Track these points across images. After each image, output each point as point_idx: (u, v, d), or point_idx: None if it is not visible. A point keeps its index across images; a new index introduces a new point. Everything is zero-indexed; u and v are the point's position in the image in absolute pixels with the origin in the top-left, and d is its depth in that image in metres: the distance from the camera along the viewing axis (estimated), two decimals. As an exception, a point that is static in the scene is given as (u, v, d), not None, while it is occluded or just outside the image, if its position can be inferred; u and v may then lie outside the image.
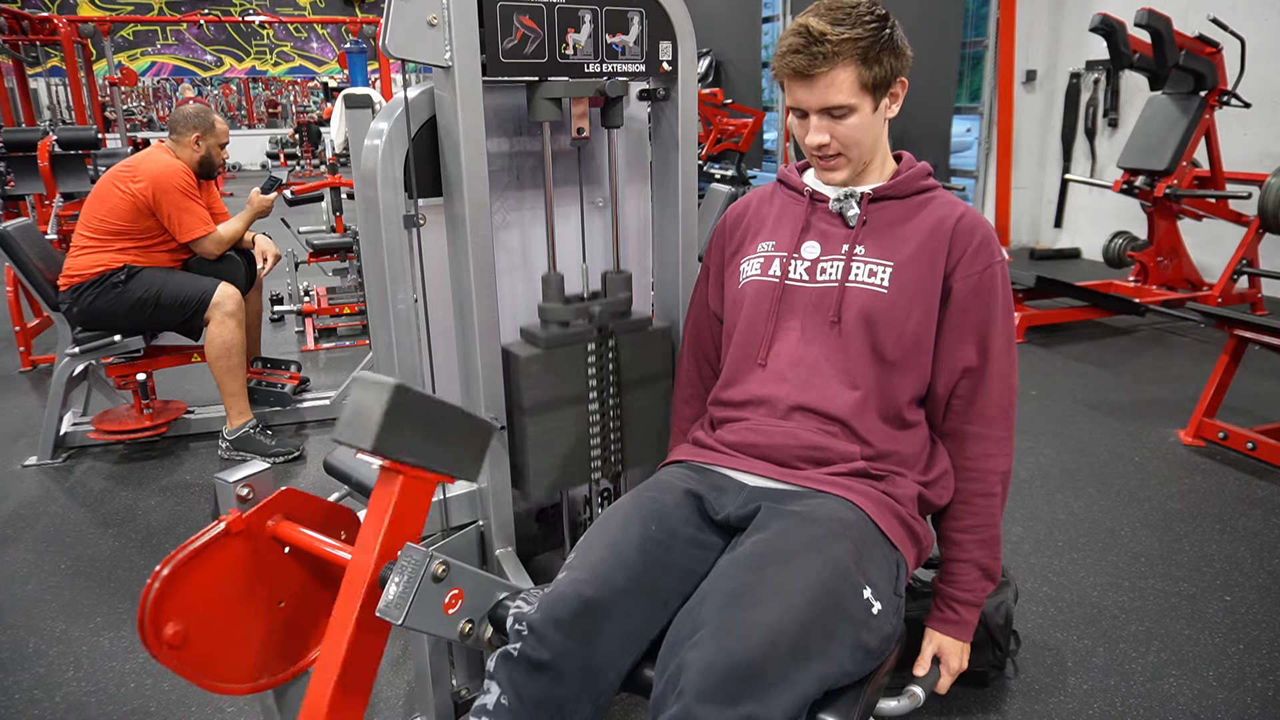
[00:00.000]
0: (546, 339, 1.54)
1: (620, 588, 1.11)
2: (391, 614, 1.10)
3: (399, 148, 1.42)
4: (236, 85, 15.94)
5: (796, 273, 1.34)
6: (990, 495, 1.29)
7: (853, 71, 1.21)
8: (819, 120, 1.26)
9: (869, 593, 1.10)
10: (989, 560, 1.29)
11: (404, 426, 1.03)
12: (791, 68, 1.23)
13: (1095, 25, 4.39)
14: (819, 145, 1.28)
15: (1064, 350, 4.33)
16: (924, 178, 1.36)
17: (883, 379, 1.28)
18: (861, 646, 1.08)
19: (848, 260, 1.30)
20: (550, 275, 1.56)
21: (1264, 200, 3.89)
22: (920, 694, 1.22)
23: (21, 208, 4.98)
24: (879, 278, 1.28)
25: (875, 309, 1.27)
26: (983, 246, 1.28)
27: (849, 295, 1.29)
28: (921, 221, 1.30)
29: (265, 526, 1.22)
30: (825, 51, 1.20)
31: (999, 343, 1.28)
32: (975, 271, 1.27)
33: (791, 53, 1.22)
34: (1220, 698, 1.82)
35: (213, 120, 3.10)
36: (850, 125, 1.26)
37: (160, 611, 1.15)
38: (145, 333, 3.10)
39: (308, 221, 6.35)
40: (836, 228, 1.34)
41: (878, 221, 1.32)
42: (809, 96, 1.24)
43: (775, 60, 1.26)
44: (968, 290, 1.27)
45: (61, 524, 2.70)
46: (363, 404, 1.02)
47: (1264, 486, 2.78)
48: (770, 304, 1.33)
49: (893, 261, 1.28)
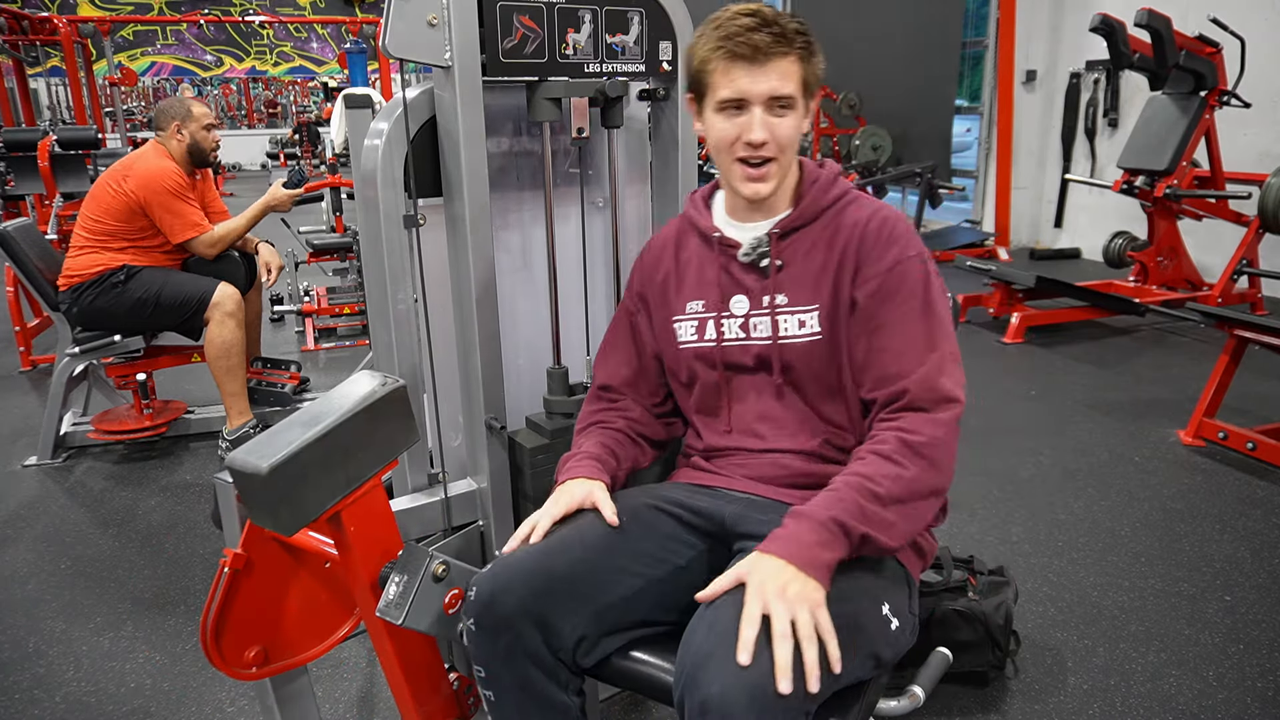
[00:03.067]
0: (552, 430, 1.56)
1: (575, 558, 1.14)
2: (391, 614, 1.10)
3: (399, 148, 1.42)
4: (236, 85, 15.94)
5: (731, 332, 1.28)
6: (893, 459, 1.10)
7: (798, 64, 1.17)
8: (763, 113, 1.17)
9: (887, 609, 1.10)
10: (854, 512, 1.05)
11: (299, 487, 0.99)
12: (749, 45, 1.13)
13: (1095, 25, 4.39)
14: (759, 142, 1.17)
15: (1064, 350, 4.33)
16: (831, 186, 1.27)
17: (850, 409, 1.25)
18: (875, 658, 1.08)
19: (772, 316, 1.24)
20: (554, 370, 1.59)
21: (1264, 200, 3.89)
22: (920, 694, 1.22)
23: (21, 208, 4.98)
24: (809, 326, 1.22)
25: (815, 357, 1.22)
26: (889, 243, 1.20)
27: (785, 353, 1.24)
28: (835, 242, 1.23)
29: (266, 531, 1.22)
30: (780, 34, 1.14)
31: (919, 340, 1.16)
32: (879, 273, 1.19)
33: (746, 31, 1.13)
34: (1220, 698, 1.82)
35: (189, 106, 3.08)
36: (789, 125, 1.18)
37: (229, 657, 1.19)
38: (145, 333, 3.09)
39: (308, 221, 6.35)
40: (756, 279, 1.27)
41: (793, 258, 1.25)
42: (757, 83, 1.15)
43: (715, 42, 1.15)
44: (870, 294, 1.19)
45: (61, 524, 2.70)
46: (256, 499, 0.99)
47: (1264, 486, 2.77)
48: (717, 372, 1.29)
49: (817, 304, 1.22)
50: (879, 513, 1.06)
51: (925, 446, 1.11)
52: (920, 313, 1.18)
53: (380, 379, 1.10)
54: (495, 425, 1.53)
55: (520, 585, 1.09)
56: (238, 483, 0.99)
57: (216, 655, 1.20)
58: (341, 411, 1.04)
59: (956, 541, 2.45)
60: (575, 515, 1.21)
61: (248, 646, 1.23)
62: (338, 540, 1.12)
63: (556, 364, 1.61)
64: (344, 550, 1.12)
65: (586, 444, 1.33)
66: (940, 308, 1.20)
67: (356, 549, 1.10)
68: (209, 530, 2.63)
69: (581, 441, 1.35)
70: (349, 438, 1.04)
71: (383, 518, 1.14)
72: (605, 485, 1.25)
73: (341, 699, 1.87)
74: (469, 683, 1.34)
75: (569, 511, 1.20)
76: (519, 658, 1.10)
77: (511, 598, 1.09)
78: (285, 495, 0.97)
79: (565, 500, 1.21)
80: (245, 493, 0.99)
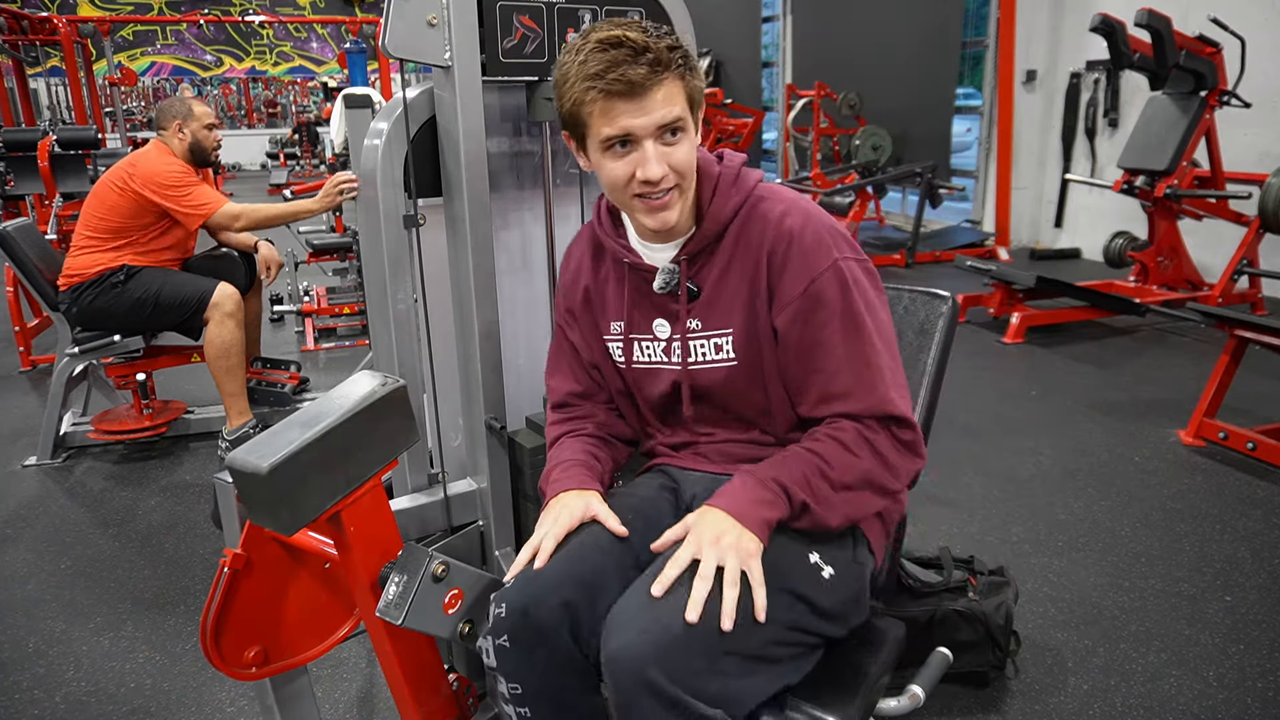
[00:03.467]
0: None
1: (595, 564, 1.13)
2: (391, 614, 1.10)
3: (399, 148, 1.42)
4: (236, 85, 15.93)
5: (657, 355, 1.26)
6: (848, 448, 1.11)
7: (680, 85, 1.08)
8: (655, 146, 1.08)
9: (816, 557, 1.11)
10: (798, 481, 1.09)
11: (299, 487, 0.99)
12: (625, 81, 1.04)
13: (1095, 25, 4.39)
14: (658, 178, 1.09)
15: (1064, 350, 4.33)
16: (730, 192, 1.18)
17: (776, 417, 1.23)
18: (806, 600, 1.08)
19: (684, 341, 1.21)
20: None
21: (1264, 200, 3.89)
22: (920, 694, 1.22)
23: (21, 208, 4.97)
24: (724, 351, 1.20)
25: (734, 381, 1.20)
26: (800, 262, 1.13)
27: (705, 376, 1.22)
28: (745, 262, 1.17)
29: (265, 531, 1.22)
30: (654, 60, 1.04)
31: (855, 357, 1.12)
32: (793, 298, 1.13)
33: (619, 65, 1.04)
34: (1220, 698, 1.82)
35: (190, 105, 3.09)
36: (684, 150, 1.10)
37: (229, 657, 1.20)
38: (145, 333, 3.09)
39: (307, 221, 6.34)
40: (673, 303, 1.22)
41: (705, 281, 1.20)
42: (641, 117, 1.06)
43: (583, 82, 1.05)
44: (789, 321, 1.14)
45: (61, 524, 2.70)
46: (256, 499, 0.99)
47: (1264, 486, 2.77)
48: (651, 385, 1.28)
49: (730, 328, 1.18)
50: (824, 489, 1.09)
51: (884, 451, 1.12)
52: (847, 328, 1.12)
53: (380, 379, 1.10)
54: (495, 425, 1.53)
55: (551, 595, 1.08)
56: (238, 482, 0.99)
57: (216, 655, 1.19)
58: (341, 411, 1.04)
59: (956, 541, 2.45)
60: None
61: (247, 646, 1.23)
62: (338, 540, 1.12)
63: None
64: (344, 550, 1.12)
65: (566, 453, 1.29)
66: (869, 316, 1.13)
67: (356, 549, 1.10)
68: (209, 530, 2.63)
69: (559, 452, 1.31)
70: (349, 438, 1.04)
71: (383, 518, 1.14)
72: (600, 494, 1.22)
73: (341, 699, 1.87)
74: (468, 683, 1.34)
75: (571, 528, 1.16)
76: (556, 669, 1.08)
77: (544, 609, 1.07)
78: (285, 495, 0.97)
79: (565, 517, 1.16)
80: (245, 492, 0.99)
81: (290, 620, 1.28)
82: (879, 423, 1.12)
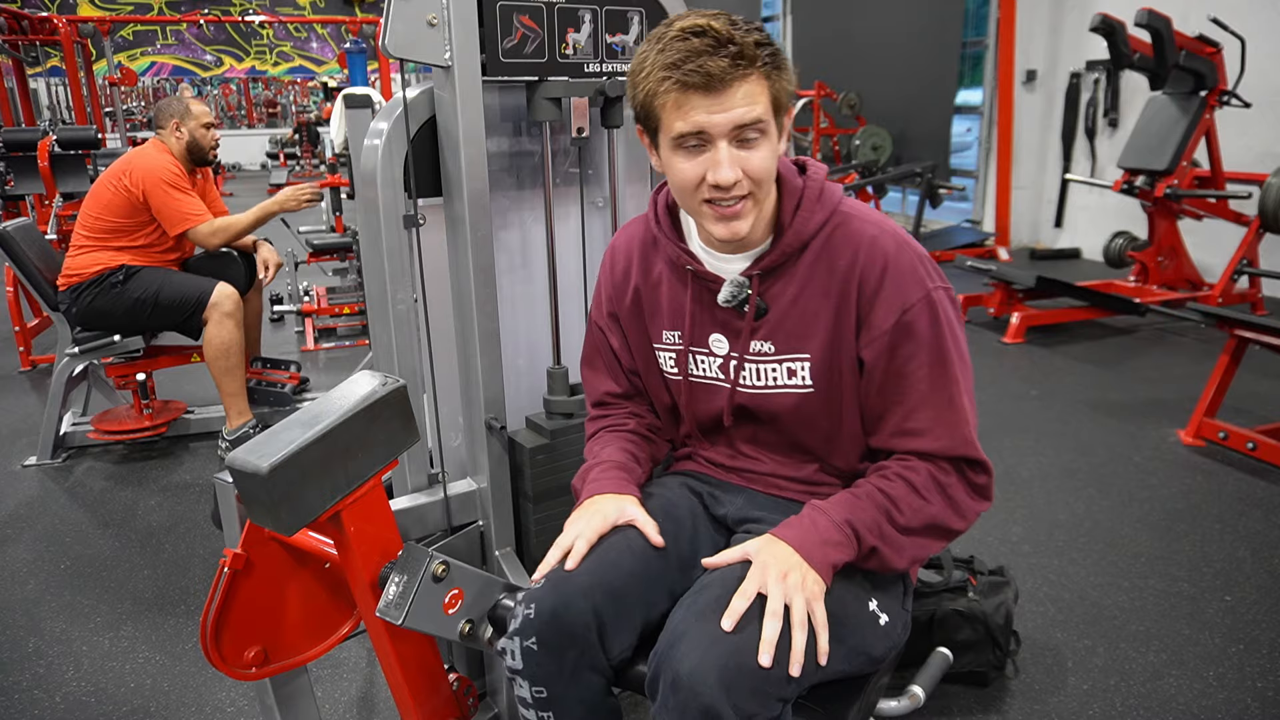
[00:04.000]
0: (552, 430, 1.56)
1: (627, 570, 1.10)
2: (391, 614, 1.10)
3: (399, 148, 1.42)
4: (236, 85, 15.93)
5: (712, 370, 1.20)
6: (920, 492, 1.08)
7: (765, 84, 1.00)
8: (730, 149, 1.01)
9: (874, 605, 1.10)
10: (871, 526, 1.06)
11: (299, 487, 0.99)
12: (703, 73, 0.96)
13: (1095, 25, 4.39)
14: (730, 183, 1.01)
15: (1064, 350, 4.33)
16: (816, 206, 1.11)
17: (850, 454, 1.19)
18: (864, 652, 1.08)
19: (741, 361, 1.15)
20: (554, 369, 1.59)
21: (1264, 200, 3.89)
22: (920, 694, 1.22)
23: (21, 208, 4.97)
24: (799, 376, 1.13)
25: (806, 409, 1.15)
26: (893, 290, 1.07)
27: (773, 401, 1.16)
28: (829, 286, 1.10)
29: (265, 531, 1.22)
30: (738, 54, 0.97)
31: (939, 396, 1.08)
32: (885, 331, 1.07)
33: (697, 55, 0.96)
34: (1220, 698, 1.82)
35: (187, 104, 3.09)
36: (762, 156, 1.02)
37: (228, 657, 1.20)
38: (144, 333, 3.09)
39: (308, 221, 6.34)
40: (738, 318, 1.15)
41: (779, 302, 1.12)
42: (717, 115, 0.98)
43: (663, 70, 0.98)
44: (877, 354, 1.09)
45: (61, 524, 2.70)
46: (256, 499, 0.98)
47: (1264, 486, 2.77)
48: (706, 402, 1.23)
49: (808, 354, 1.12)
50: (892, 534, 1.06)
51: (955, 495, 1.09)
52: (934, 364, 1.07)
53: (380, 379, 1.10)
54: (495, 425, 1.53)
55: (582, 599, 1.06)
56: (238, 482, 0.99)
57: (216, 655, 1.19)
58: (342, 411, 1.04)
59: (957, 541, 2.45)
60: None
61: (247, 647, 1.23)
62: (338, 540, 1.12)
63: (556, 364, 1.61)
64: (344, 550, 1.12)
65: (605, 451, 1.26)
66: (957, 352, 1.09)
67: (356, 549, 1.10)
68: (209, 530, 2.63)
69: (598, 449, 1.28)
70: (349, 437, 1.04)
71: (383, 518, 1.14)
72: (637, 499, 1.18)
73: (341, 699, 1.87)
74: (468, 683, 1.34)
75: (603, 532, 1.13)
76: (585, 673, 1.07)
77: (575, 612, 1.05)
78: (285, 495, 0.97)
79: (599, 521, 1.13)
80: (245, 492, 0.99)
81: (290, 620, 1.28)
82: (953, 465, 1.09)
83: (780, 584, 0.98)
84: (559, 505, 1.60)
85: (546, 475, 1.58)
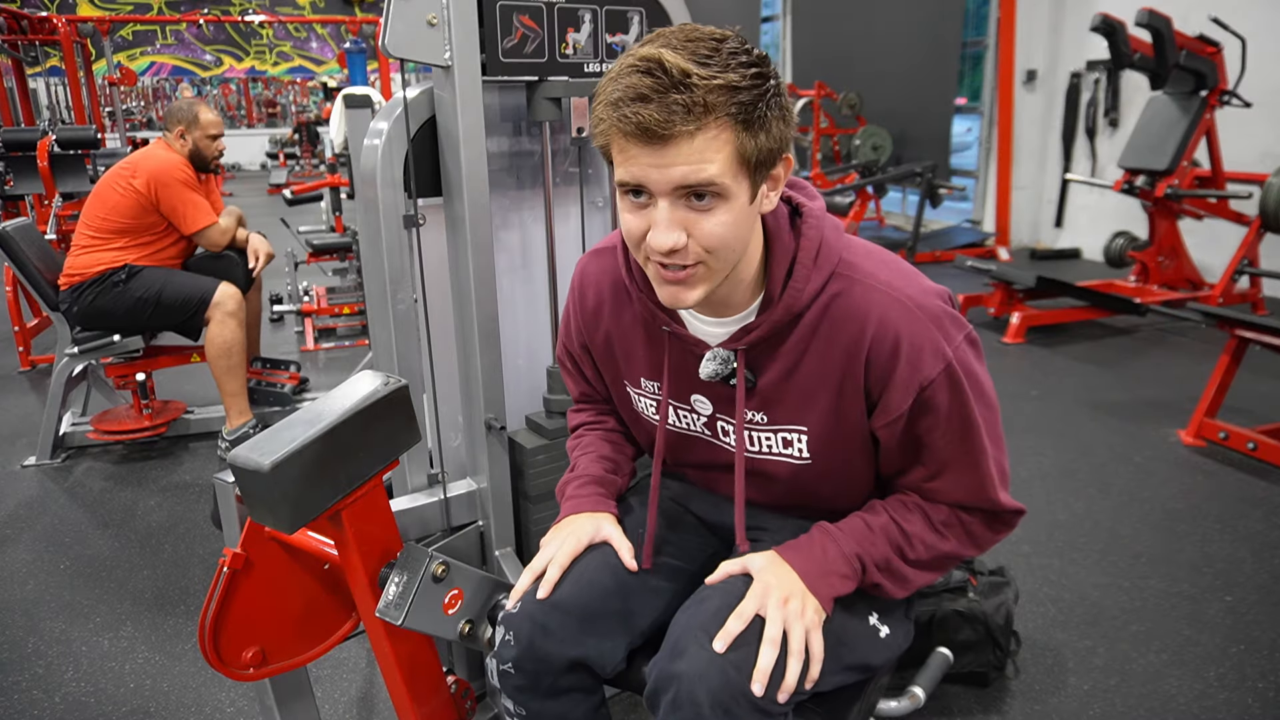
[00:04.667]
0: (552, 429, 1.56)
1: (607, 588, 1.10)
2: (391, 614, 1.10)
3: (399, 148, 1.42)
4: (236, 85, 15.93)
5: (697, 426, 1.12)
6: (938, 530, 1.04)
7: (730, 138, 0.83)
8: (671, 209, 0.85)
9: (875, 618, 1.09)
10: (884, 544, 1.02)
11: (300, 485, 0.99)
12: (635, 122, 0.81)
13: (1096, 25, 4.39)
14: (665, 249, 0.86)
15: (1064, 350, 4.33)
16: (809, 273, 0.96)
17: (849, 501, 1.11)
18: (863, 666, 1.07)
19: (749, 430, 1.06)
20: (554, 369, 1.59)
21: (1265, 200, 3.89)
22: (920, 694, 1.23)
23: (21, 208, 4.97)
24: (795, 448, 1.05)
25: (802, 477, 1.08)
26: (908, 368, 0.94)
27: (767, 466, 1.09)
28: (827, 358, 0.98)
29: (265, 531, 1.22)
30: (688, 101, 0.80)
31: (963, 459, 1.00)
32: (901, 412, 0.97)
33: (635, 100, 0.81)
34: (1221, 698, 1.82)
35: (197, 112, 3.08)
36: (719, 221, 0.86)
37: (227, 657, 1.20)
38: (145, 332, 3.09)
39: (307, 221, 6.35)
40: (722, 386, 1.05)
41: (770, 375, 1.01)
42: (657, 170, 0.83)
43: (605, 109, 0.84)
44: (894, 432, 1.00)
45: (61, 524, 2.69)
46: (258, 496, 0.98)
47: (1264, 486, 2.77)
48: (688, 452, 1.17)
49: (805, 426, 1.02)
50: (901, 569, 1.03)
51: (975, 530, 1.05)
52: (955, 432, 0.98)
53: (383, 379, 1.10)
54: (495, 425, 1.53)
55: (559, 625, 1.06)
56: (239, 480, 0.99)
57: (214, 655, 1.19)
58: (344, 410, 1.04)
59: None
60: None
61: (245, 647, 1.23)
62: (338, 540, 1.12)
63: (556, 363, 1.61)
64: (344, 550, 1.12)
65: (583, 460, 1.23)
66: (979, 412, 0.98)
67: (357, 549, 1.10)
68: (209, 530, 2.63)
69: (578, 457, 1.25)
70: (351, 437, 1.04)
71: (383, 517, 1.14)
72: (613, 516, 1.16)
73: (341, 699, 1.87)
74: (466, 686, 1.34)
75: (577, 554, 1.10)
76: (564, 695, 1.08)
77: (554, 640, 1.05)
78: (287, 493, 0.97)
79: (572, 543, 1.10)
80: (246, 490, 0.99)
81: (289, 621, 1.27)
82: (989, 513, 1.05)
83: (780, 609, 0.95)
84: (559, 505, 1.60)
85: (546, 475, 1.58)
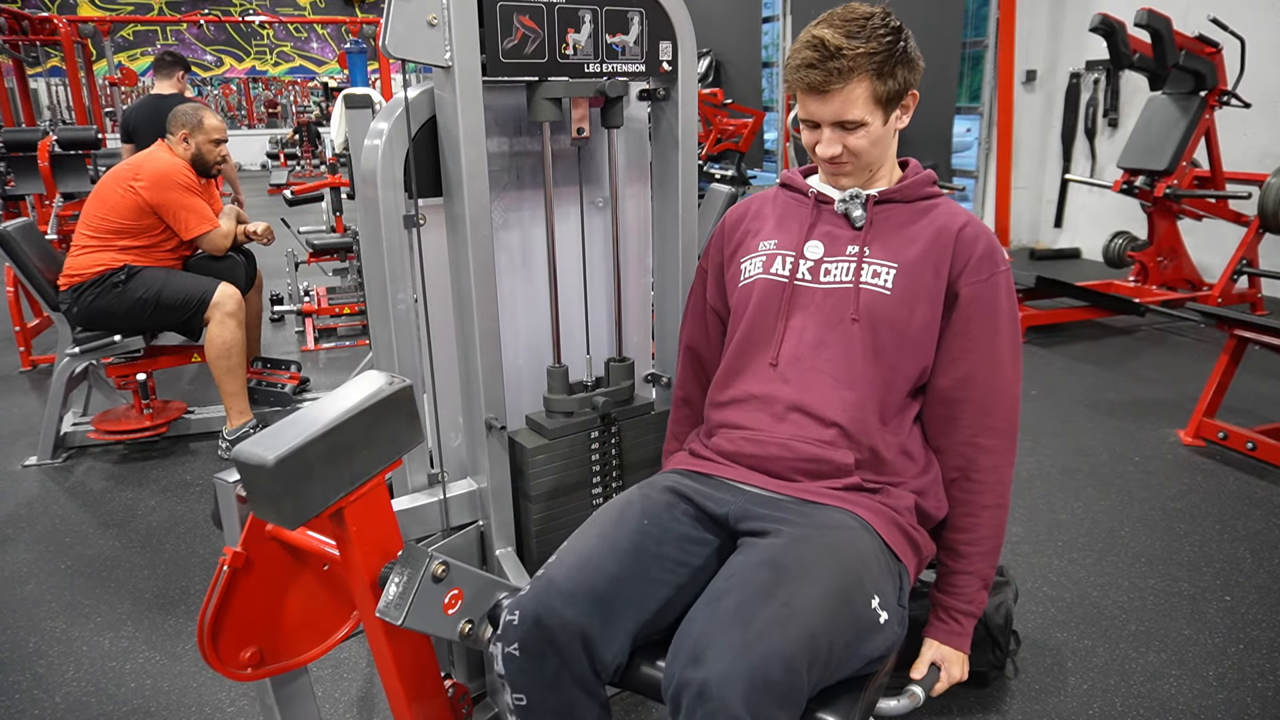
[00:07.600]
0: (553, 429, 1.56)
1: (610, 574, 1.13)
2: (391, 614, 1.10)
3: (399, 148, 1.42)
4: (236, 85, 15.93)
5: (801, 272, 1.32)
6: (1000, 507, 1.30)
7: (867, 86, 1.22)
8: (831, 133, 1.27)
9: (877, 602, 1.12)
10: (989, 570, 1.31)
11: (303, 481, 0.99)
12: (806, 83, 1.23)
13: (1095, 25, 4.39)
14: (828, 158, 1.29)
15: (1064, 350, 4.33)
16: (929, 185, 1.36)
17: (881, 379, 1.27)
18: (866, 655, 1.10)
19: (859, 261, 1.30)
20: (555, 369, 1.59)
21: (1264, 200, 3.89)
22: (920, 694, 1.23)
23: (21, 208, 4.97)
24: (882, 279, 1.28)
25: (878, 310, 1.27)
26: (986, 257, 1.28)
27: (849, 296, 1.28)
28: (926, 227, 1.30)
29: (266, 530, 1.22)
30: (840, 67, 1.20)
31: (1005, 353, 1.28)
32: (979, 280, 1.27)
33: (805, 67, 1.22)
34: (1220, 698, 1.82)
35: (201, 117, 3.08)
36: (862, 138, 1.26)
37: (225, 657, 1.20)
38: (145, 333, 3.09)
39: (308, 221, 6.35)
40: (841, 229, 1.33)
41: (883, 224, 1.32)
42: (822, 110, 1.25)
43: (788, 72, 1.26)
44: (972, 298, 1.27)
45: (61, 524, 2.70)
46: (260, 491, 0.98)
47: (1264, 486, 2.77)
48: (778, 303, 1.32)
49: (897, 263, 1.28)
50: (994, 570, 1.34)
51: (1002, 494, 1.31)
52: (1007, 326, 1.28)
53: (387, 378, 1.10)
54: (495, 425, 1.53)
55: (564, 606, 1.09)
56: (243, 474, 0.99)
57: (213, 655, 1.19)
58: (348, 408, 1.04)
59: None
60: (597, 525, 1.23)
61: (244, 647, 1.22)
62: (339, 538, 1.12)
63: (556, 363, 1.61)
64: (345, 548, 1.12)
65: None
66: (1017, 325, 1.30)
67: (357, 547, 1.10)
68: (209, 530, 2.63)
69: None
70: (355, 434, 1.04)
71: (384, 517, 1.14)
72: None
73: (341, 699, 1.87)
74: (463, 690, 1.34)
75: None
76: (565, 683, 1.09)
77: (558, 620, 1.08)
78: (290, 488, 0.97)
79: None
80: (249, 485, 0.99)
81: (289, 621, 1.28)
82: (1006, 431, 1.29)
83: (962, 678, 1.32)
84: (559, 505, 1.61)
85: (546, 475, 1.58)
